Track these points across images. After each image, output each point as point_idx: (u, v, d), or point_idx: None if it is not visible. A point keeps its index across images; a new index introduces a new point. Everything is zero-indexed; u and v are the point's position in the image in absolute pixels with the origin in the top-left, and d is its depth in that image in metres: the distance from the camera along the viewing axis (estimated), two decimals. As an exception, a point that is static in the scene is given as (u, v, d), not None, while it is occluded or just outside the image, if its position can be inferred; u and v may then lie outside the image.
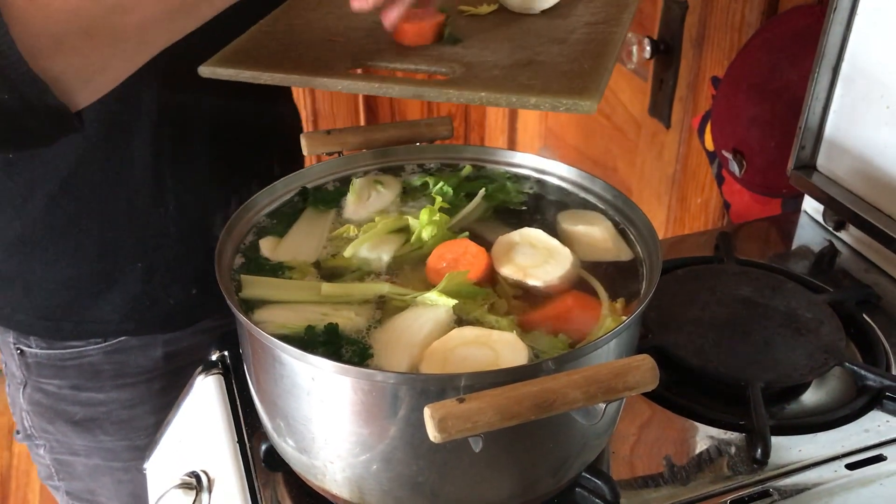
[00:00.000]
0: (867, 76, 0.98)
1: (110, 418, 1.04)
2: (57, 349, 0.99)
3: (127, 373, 1.02)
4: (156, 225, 0.94)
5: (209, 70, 0.76)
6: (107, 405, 1.03)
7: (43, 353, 0.99)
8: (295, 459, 0.72)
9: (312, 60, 0.78)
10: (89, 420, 1.03)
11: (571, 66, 0.77)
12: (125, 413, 1.04)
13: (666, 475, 0.76)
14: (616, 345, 0.66)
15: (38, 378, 1.02)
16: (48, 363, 1.00)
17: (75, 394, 1.02)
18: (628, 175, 1.74)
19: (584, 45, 0.81)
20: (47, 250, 0.93)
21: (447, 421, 0.54)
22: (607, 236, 0.81)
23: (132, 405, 1.04)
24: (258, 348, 0.68)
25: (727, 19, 1.36)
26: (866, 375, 0.84)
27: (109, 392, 1.02)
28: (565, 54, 0.79)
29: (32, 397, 1.03)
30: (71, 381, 1.01)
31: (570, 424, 0.65)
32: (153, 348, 1.02)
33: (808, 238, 1.11)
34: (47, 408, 1.03)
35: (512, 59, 0.79)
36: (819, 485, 0.75)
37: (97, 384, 1.01)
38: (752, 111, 1.26)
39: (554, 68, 0.77)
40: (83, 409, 1.03)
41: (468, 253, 0.76)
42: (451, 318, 0.70)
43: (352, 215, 0.84)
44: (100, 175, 0.90)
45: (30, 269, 0.94)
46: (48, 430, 1.05)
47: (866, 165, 1.00)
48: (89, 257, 0.94)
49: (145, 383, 1.03)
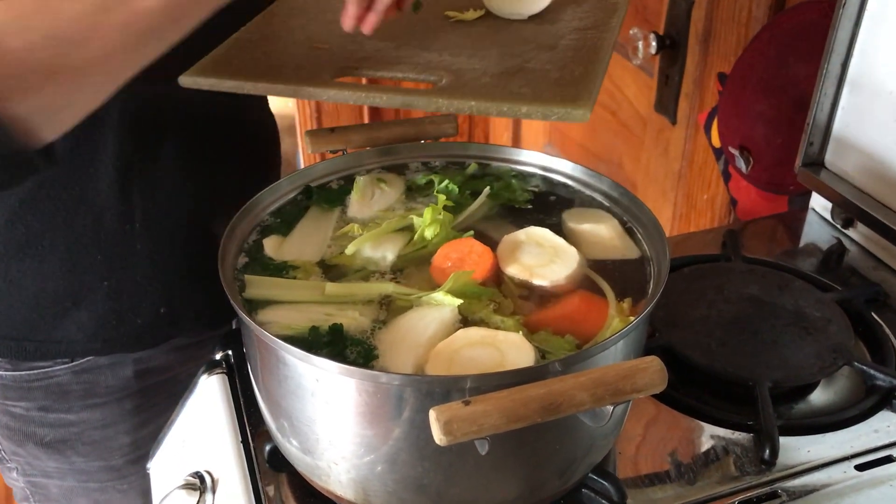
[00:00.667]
0: (876, 72, 0.98)
1: (82, 439, 1.00)
2: (23, 370, 0.95)
3: (97, 392, 0.98)
4: (123, 242, 0.91)
5: (190, 80, 0.74)
6: (77, 426, 0.99)
7: (8, 375, 0.96)
8: (299, 460, 0.71)
9: (296, 69, 0.77)
10: (60, 441, 1.00)
11: (562, 73, 0.76)
12: (97, 433, 1.00)
13: (673, 475, 0.75)
14: (624, 345, 0.65)
15: (4, 401, 0.98)
16: (14, 385, 0.96)
17: (43, 415, 0.98)
18: (634, 171, 1.73)
19: (573, 52, 0.80)
20: (10, 268, 0.90)
21: (453, 423, 0.53)
22: (614, 234, 0.80)
23: (104, 425, 1.00)
24: (262, 349, 0.68)
25: (734, 14, 1.35)
26: (875, 375, 0.83)
27: (79, 413, 0.99)
28: (555, 61, 0.78)
29: (0, 420, 1.00)
30: (39, 402, 0.97)
31: (577, 426, 0.64)
32: (123, 367, 0.98)
33: (816, 235, 1.10)
34: (16, 430, 1.00)
35: (501, 67, 0.78)
36: (828, 486, 0.74)
37: (66, 405, 0.98)
38: (759, 107, 1.25)
39: (544, 75, 0.76)
40: (53, 431, 0.99)
41: (473, 252, 0.75)
42: (456, 318, 0.69)
43: (356, 214, 0.84)
44: (64, 193, 0.87)
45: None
46: (19, 452, 1.02)
47: (875, 162, 0.99)
48: (54, 275, 0.90)
49: (116, 402, 0.99)
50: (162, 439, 0.96)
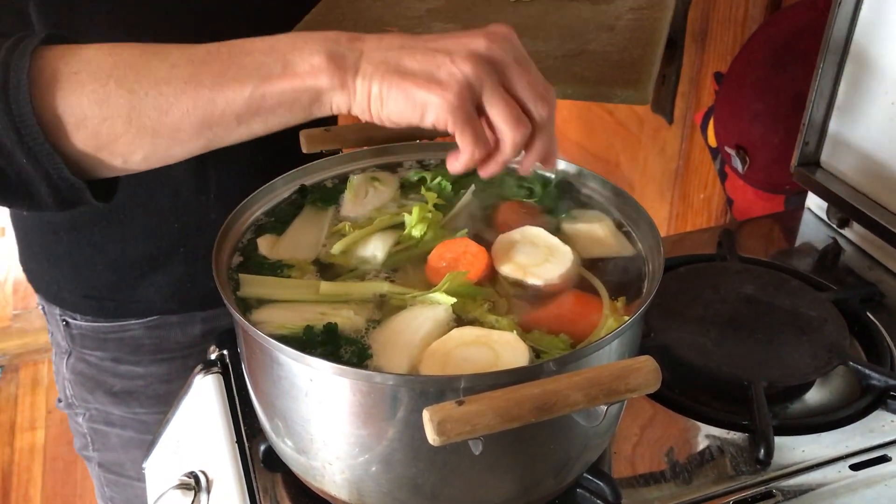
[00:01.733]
0: (872, 71, 0.98)
1: (147, 392, 1.08)
2: (101, 322, 1.04)
3: (166, 348, 1.06)
4: (198, 212, 0.99)
5: None
6: (145, 378, 1.07)
7: (87, 326, 1.05)
8: (294, 460, 0.71)
9: None
10: (127, 392, 1.08)
11: (622, 55, 0.78)
12: (162, 387, 1.08)
13: (668, 475, 0.75)
14: (618, 345, 0.65)
15: (82, 349, 1.07)
16: (92, 335, 1.05)
17: (115, 366, 1.07)
18: (631, 171, 1.73)
19: (631, 33, 0.81)
20: (94, 235, 0.98)
21: (446, 424, 0.53)
22: (608, 233, 0.80)
23: (169, 380, 1.07)
24: (256, 348, 0.67)
25: (730, 14, 1.35)
26: (870, 375, 0.83)
27: (148, 366, 1.07)
28: (614, 42, 0.79)
29: (75, 367, 1.08)
30: (112, 353, 1.06)
31: (571, 426, 0.64)
32: (192, 325, 1.06)
33: (812, 235, 1.10)
34: (89, 378, 1.08)
35: (563, 49, 0.79)
36: (823, 485, 0.74)
37: (137, 358, 1.06)
38: (755, 107, 1.25)
39: (605, 58, 0.77)
40: (122, 382, 1.07)
41: (468, 252, 0.75)
42: (450, 317, 0.69)
43: (349, 213, 0.84)
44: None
45: (77, 252, 1.00)
46: (88, 399, 1.09)
47: (871, 162, 0.99)
48: (135, 242, 0.99)
49: (182, 359, 1.07)
50: (157, 439, 0.96)
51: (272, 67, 0.63)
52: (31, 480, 2.21)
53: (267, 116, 0.65)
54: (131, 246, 0.99)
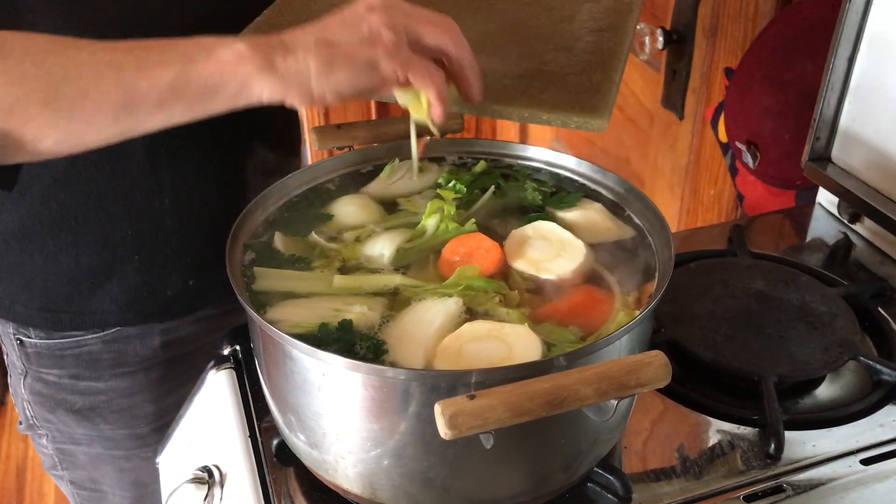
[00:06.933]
0: (884, 66, 0.97)
1: (110, 407, 1.04)
2: (56, 339, 1.00)
3: (125, 361, 1.02)
4: (153, 217, 0.95)
5: None
6: (106, 394, 1.04)
7: (42, 343, 1.00)
8: (306, 454, 0.72)
9: None
10: (89, 409, 1.04)
11: (580, 78, 0.77)
12: (124, 401, 1.05)
13: (678, 470, 0.75)
14: (629, 339, 0.66)
15: (38, 368, 1.02)
16: (47, 353, 1.01)
17: (74, 383, 1.03)
18: (641, 166, 1.73)
19: (590, 55, 0.81)
20: (45, 243, 0.93)
21: (458, 418, 0.54)
22: (604, 216, 0.81)
23: (131, 394, 1.04)
24: (269, 344, 0.68)
25: (741, 9, 1.35)
26: (881, 370, 0.83)
27: (108, 381, 1.03)
28: (573, 65, 0.79)
29: (33, 387, 1.04)
30: (70, 370, 1.02)
31: (582, 420, 0.64)
32: (151, 337, 1.02)
33: (823, 230, 1.10)
34: (48, 397, 1.04)
35: (521, 69, 0.78)
36: (833, 480, 0.74)
37: (96, 373, 1.02)
38: (766, 102, 1.24)
39: (563, 80, 0.77)
40: (83, 399, 1.03)
41: (481, 247, 0.76)
42: (461, 310, 0.70)
43: (372, 190, 0.85)
44: (95, 171, 0.90)
45: (29, 262, 0.95)
46: (49, 419, 1.06)
47: (882, 157, 0.99)
48: (87, 250, 0.94)
49: (143, 372, 1.04)
50: (171, 434, 0.97)
51: (196, 54, 0.63)
52: (44, 476, 2.23)
53: (191, 102, 0.65)
54: (84, 254, 0.94)
